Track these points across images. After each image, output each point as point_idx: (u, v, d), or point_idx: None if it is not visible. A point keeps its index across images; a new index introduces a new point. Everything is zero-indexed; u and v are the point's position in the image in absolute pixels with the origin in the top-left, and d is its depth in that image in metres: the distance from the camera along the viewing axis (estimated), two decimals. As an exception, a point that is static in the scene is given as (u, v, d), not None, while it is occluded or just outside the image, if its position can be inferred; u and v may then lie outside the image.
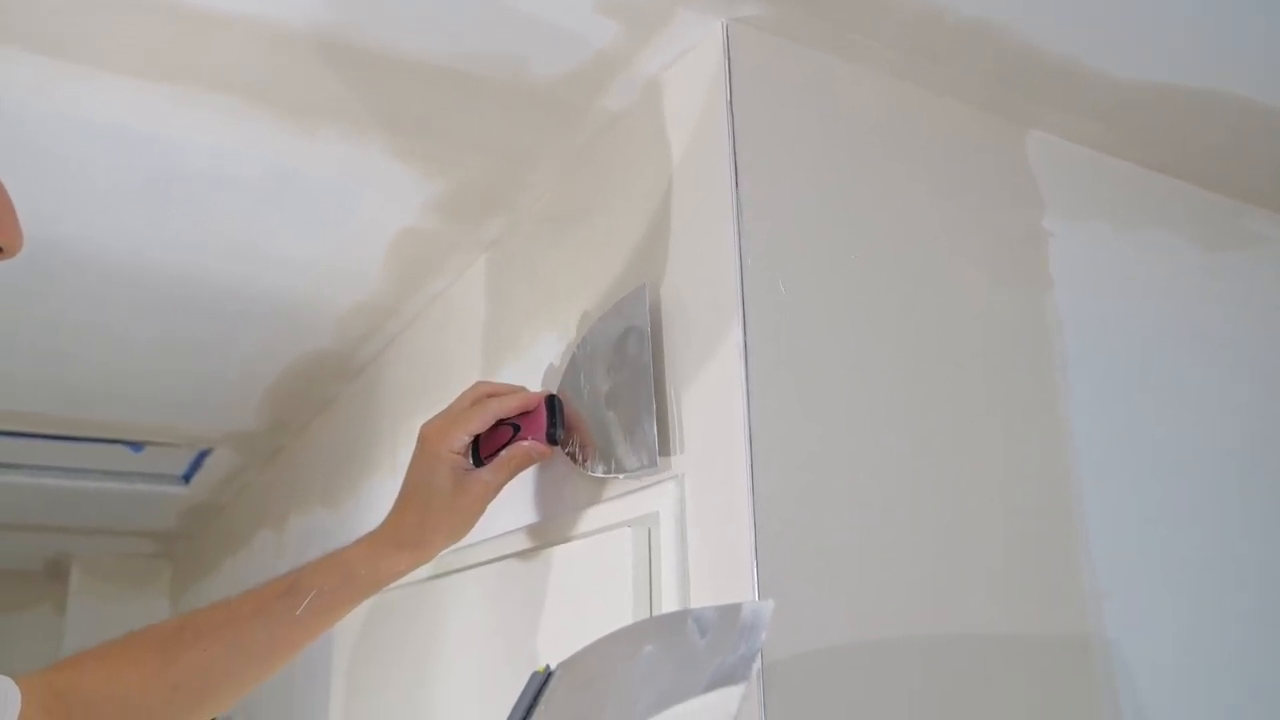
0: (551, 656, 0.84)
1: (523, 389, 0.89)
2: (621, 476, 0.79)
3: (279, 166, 0.98)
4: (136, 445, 2.07)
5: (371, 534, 0.84)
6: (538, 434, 0.85)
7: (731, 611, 0.52)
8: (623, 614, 0.74)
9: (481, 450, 0.87)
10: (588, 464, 0.83)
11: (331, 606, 0.80)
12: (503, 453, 0.85)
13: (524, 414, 0.87)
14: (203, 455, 2.17)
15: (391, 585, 0.86)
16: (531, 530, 0.93)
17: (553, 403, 0.86)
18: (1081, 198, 0.95)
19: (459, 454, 0.84)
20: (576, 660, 0.60)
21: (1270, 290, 1.05)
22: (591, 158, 0.96)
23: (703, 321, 0.75)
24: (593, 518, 0.83)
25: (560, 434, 0.85)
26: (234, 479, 2.35)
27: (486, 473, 0.84)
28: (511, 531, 0.96)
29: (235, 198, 1.04)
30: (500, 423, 0.87)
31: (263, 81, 0.85)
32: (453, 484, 0.83)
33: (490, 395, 0.87)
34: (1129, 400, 0.90)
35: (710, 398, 0.73)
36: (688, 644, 0.52)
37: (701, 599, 0.70)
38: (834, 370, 0.74)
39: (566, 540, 0.86)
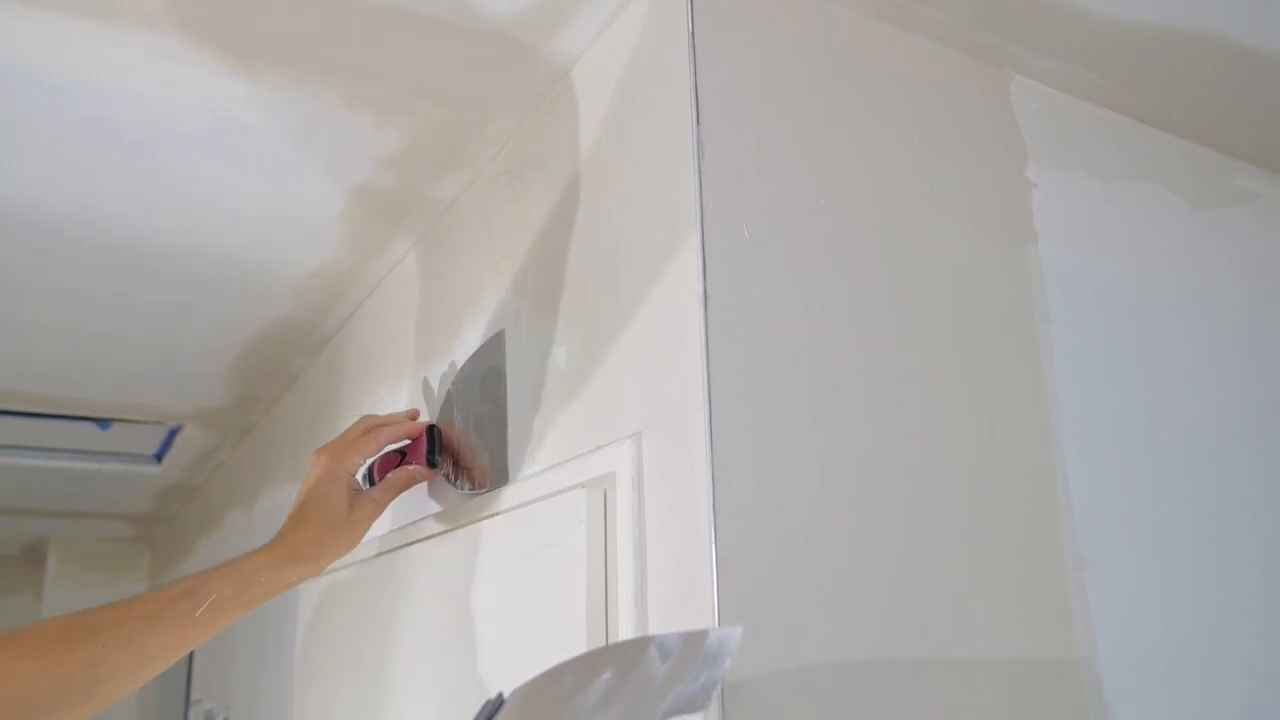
0: (509, 623, 0.80)
1: (406, 420, 0.99)
2: (481, 493, 0.89)
3: (222, 115, 0.93)
4: (103, 422, 2.02)
5: (268, 546, 0.88)
6: (420, 459, 0.97)
7: (696, 638, 0.49)
8: (577, 579, 0.70)
9: (376, 473, 0.97)
10: (458, 483, 0.95)
11: (228, 610, 0.82)
12: (390, 475, 0.95)
13: (410, 441, 0.99)
14: (173, 433, 2.12)
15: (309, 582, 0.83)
16: (488, 497, 0.88)
17: (432, 432, 0.98)
18: (1067, 148, 0.90)
19: (353, 475, 0.92)
20: (529, 688, 0.56)
21: (1260, 248, 1.01)
22: (550, 104, 0.91)
23: (659, 267, 0.70)
24: (547, 481, 0.78)
25: (439, 460, 0.97)
26: (207, 458, 2.31)
27: (376, 492, 0.93)
28: (467, 500, 0.92)
29: (177, 150, 0.98)
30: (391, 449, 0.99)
31: (197, 17, 0.79)
32: (347, 503, 0.90)
33: (380, 426, 0.96)
34: (1113, 359, 0.86)
35: (667, 350, 0.68)
36: (647, 671, 0.49)
37: (657, 563, 0.66)
38: (801, 322, 0.70)
39: (521, 506, 0.81)
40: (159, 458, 2.33)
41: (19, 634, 0.74)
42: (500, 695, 0.59)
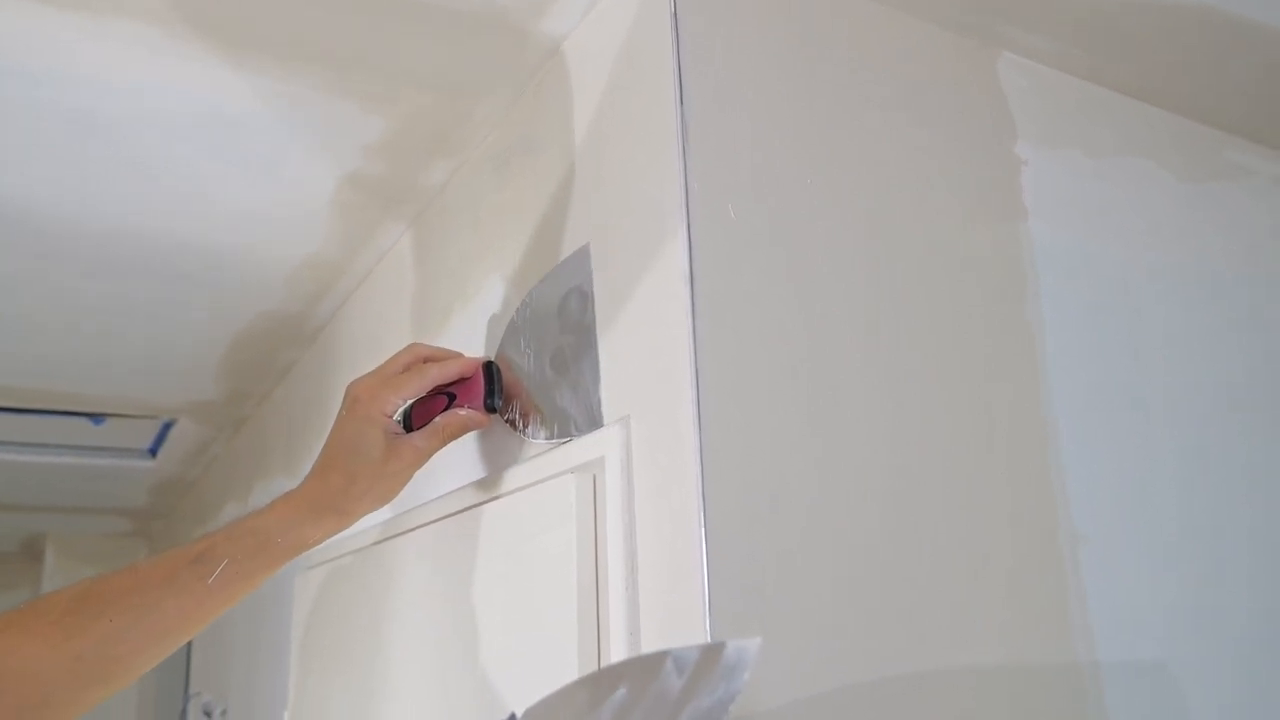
0: (502, 612, 0.80)
1: (459, 355, 0.86)
2: (565, 441, 0.75)
3: (211, 107, 0.92)
4: (97, 418, 2.02)
5: (289, 496, 0.78)
6: (475, 402, 0.82)
7: (713, 651, 0.48)
8: (567, 566, 0.69)
9: (414, 416, 0.83)
10: (528, 430, 0.81)
11: (245, 575, 0.74)
12: (437, 419, 0.82)
13: (459, 380, 0.84)
14: (166, 427, 2.12)
15: (336, 551, 0.81)
16: (479, 485, 0.88)
17: (490, 370, 0.84)
18: (1056, 125, 0.90)
19: (390, 417, 0.81)
20: (540, 707, 0.56)
21: (1253, 223, 1.01)
22: (537, 87, 0.90)
23: (646, 249, 0.70)
24: (537, 467, 0.78)
25: (499, 403, 0.83)
26: (202, 452, 2.30)
27: (419, 438, 0.80)
28: (459, 489, 0.91)
29: (164, 143, 0.97)
30: (435, 389, 0.84)
31: (185, 8, 0.79)
32: (384, 448, 0.79)
33: (427, 360, 0.84)
34: (1106, 336, 0.85)
35: (655, 332, 0.68)
36: (662, 686, 0.48)
37: (648, 549, 0.66)
38: (789, 303, 0.69)
39: (511, 493, 0.81)
40: (153, 452, 2.33)
41: (25, 610, 0.69)
42: (513, 716, 0.59)
